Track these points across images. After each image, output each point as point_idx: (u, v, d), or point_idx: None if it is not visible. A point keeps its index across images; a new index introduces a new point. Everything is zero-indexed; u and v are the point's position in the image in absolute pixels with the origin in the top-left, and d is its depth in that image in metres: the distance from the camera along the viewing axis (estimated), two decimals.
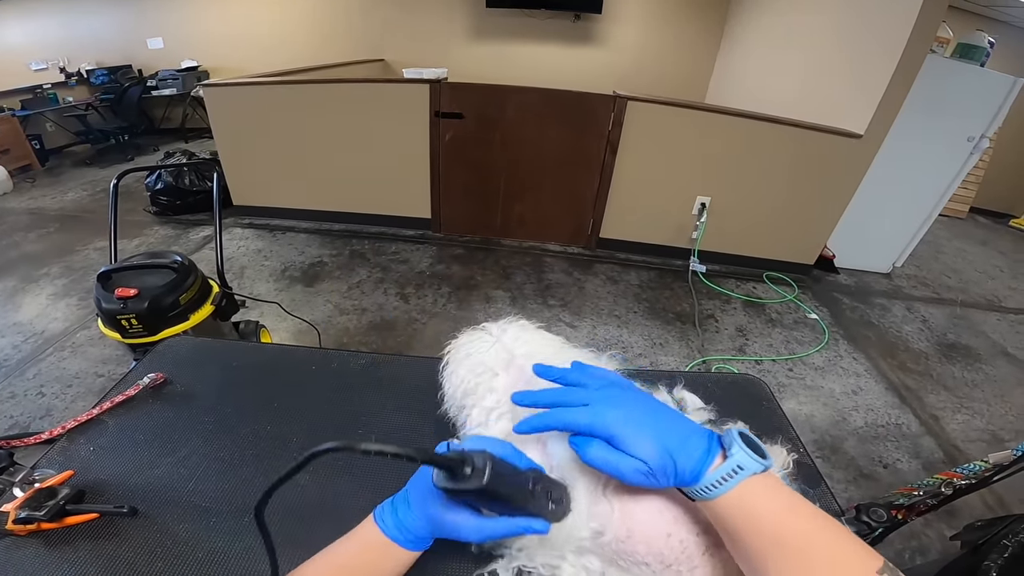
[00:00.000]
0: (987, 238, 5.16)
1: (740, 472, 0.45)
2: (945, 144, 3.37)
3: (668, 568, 0.51)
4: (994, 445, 2.37)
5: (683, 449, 0.47)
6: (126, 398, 0.80)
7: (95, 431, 0.76)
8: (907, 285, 3.91)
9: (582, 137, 3.45)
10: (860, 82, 3.14)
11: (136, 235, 3.69)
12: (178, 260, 1.68)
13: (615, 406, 0.50)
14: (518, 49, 5.64)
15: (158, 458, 0.72)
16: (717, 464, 0.46)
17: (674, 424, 0.49)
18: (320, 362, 0.94)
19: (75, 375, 2.35)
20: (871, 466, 2.21)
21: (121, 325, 1.58)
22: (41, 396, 2.22)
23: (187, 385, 0.86)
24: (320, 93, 3.48)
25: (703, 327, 3.05)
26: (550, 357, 0.64)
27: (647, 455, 0.47)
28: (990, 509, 1.99)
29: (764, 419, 0.89)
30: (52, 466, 0.69)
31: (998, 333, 3.36)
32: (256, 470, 0.72)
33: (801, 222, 3.57)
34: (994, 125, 3.31)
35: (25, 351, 2.51)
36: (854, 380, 2.74)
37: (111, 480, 0.68)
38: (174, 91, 6.00)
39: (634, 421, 0.49)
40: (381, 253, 3.59)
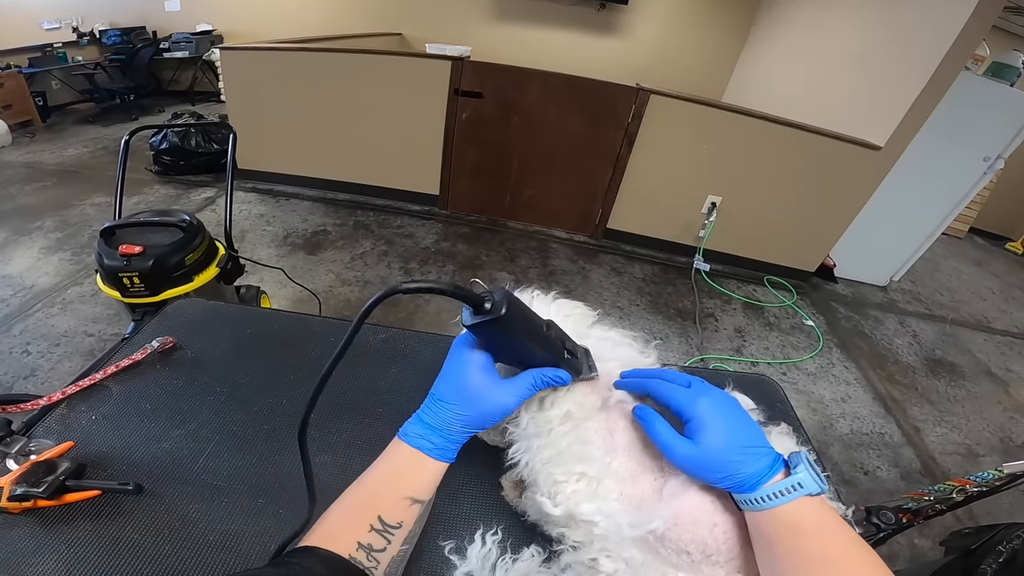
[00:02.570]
0: (982, 259, 5.19)
1: (799, 489, 0.47)
2: (961, 162, 3.34)
3: (708, 558, 0.51)
4: (969, 459, 2.46)
5: (750, 456, 0.49)
6: (132, 362, 0.74)
7: (98, 398, 0.70)
8: (902, 299, 3.94)
9: (600, 127, 3.41)
10: (886, 94, 3.09)
11: (136, 193, 3.63)
12: (186, 219, 1.65)
13: (710, 396, 0.53)
14: (539, 33, 5.54)
15: (166, 430, 0.67)
16: (777, 479, 0.48)
17: (750, 434, 0.52)
18: (339, 334, 0.89)
19: (63, 333, 2.28)
20: (852, 472, 2.28)
21: (122, 283, 1.54)
22: (26, 355, 2.14)
23: (198, 351, 0.81)
24: (336, 63, 3.41)
25: (703, 325, 3.05)
26: (600, 337, 0.65)
27: (713, 447, 0.49)
28: (958, 520, 2.03)
29: (779, 420, 0.90)
30: (50, 436, 0.64)
31: (984, 353, 3.40)
32: (272, 447, 0.67)
33: (808, 229, 3.56)
34: (1012, 146, 3.29)
35: (13, 305, 2.42)
36: (844, 388, 2.78)
37: (114, 453, 0.63)
38: (186, 54, 5.89)
39: (720, 415, 0.51)
40: (386, 226, 3.56)
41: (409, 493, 0.49)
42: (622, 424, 0.57)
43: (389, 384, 0.80)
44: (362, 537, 0.46)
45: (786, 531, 0.46)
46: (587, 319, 0.66)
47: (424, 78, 3.36)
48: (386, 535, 0.47)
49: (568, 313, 0.64)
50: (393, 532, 0.47)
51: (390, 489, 0.50)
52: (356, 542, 0.45)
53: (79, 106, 5.69)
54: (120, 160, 1.60)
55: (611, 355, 0.62)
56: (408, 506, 0.49)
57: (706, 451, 0.49)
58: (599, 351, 0.60)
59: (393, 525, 0.48)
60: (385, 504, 0.48)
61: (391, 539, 0.47)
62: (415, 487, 0.50)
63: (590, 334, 0.64)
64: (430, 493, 0.51)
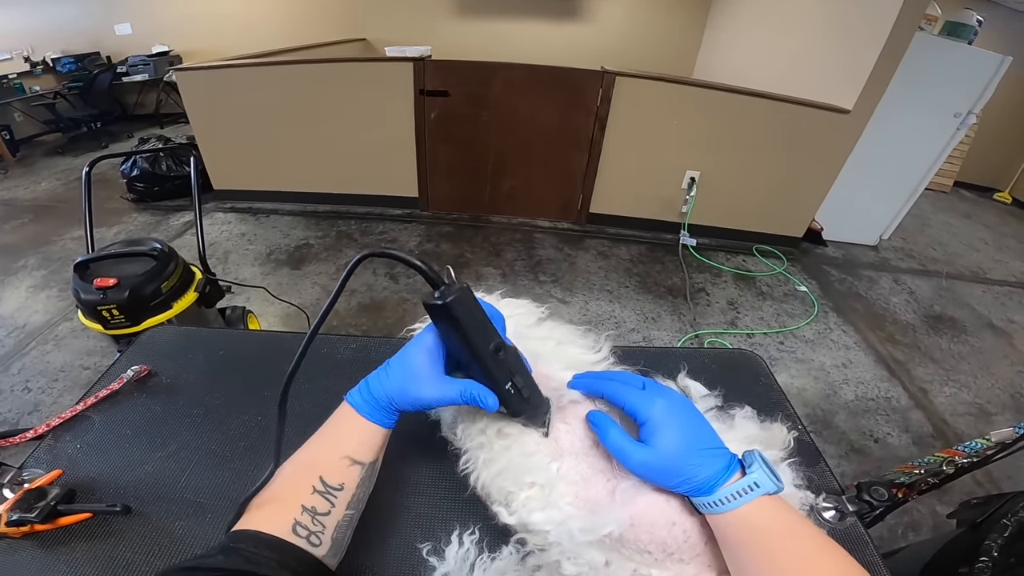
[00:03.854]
0: (971, 211, 5.22)
1: (755, 489, 0.47)
2: (932, 119, 3.41)
3: (671, 556, 0.51)
4: (981, 419, 2.40)
5: (707, 458, 0.48)
6: (110, 392, 0.77)
7: (81, 427, 0.73)
8: (894, 257, 3.95)
9: (570, 113, 3.41)
10: (849, 59, 3.13)
11: (115, 223, 3.60)
12: (157, 247, 1.63)
13: (665, 398, 0.52)
14: (503, 26, 5.51)
15: (148, 453, 0.70)
16: (734, 480, 0.48)
17: (704, 436, 0.51)
18: (311, 347, 0.90)
19: (60, 368, 2.30)
20: (862, 440, 2.23)
21: (102, 316, 1.54)
22: (27, 391, 2.18)
23: (173, 376, 0.83)
24: (299, 74, 3.39)
25: (694, 301, 3.05)
26: (542, 337, 0.63)
27: (669, 451, 0.48)
28: (979, 486, 2.00)
29: (762, 395, 0.88)
30: (40, 465, 0.67)
31: (983, 305, 3.40)
32: (249, 462, 0.70)
33: (790, 195, 3.57)
34: (981, 102, 3.34)
35: (8, 345, 2.45)
36: (844, 353, 2.76)
37: (101, 478, 0.66)
38: (146, 76, 5.84)
39: (675, 418, 0.51)
40: (368, 233, 3.54)
41: (348, 453, 0.51)
42: (574, 425, 0.56)
43: None
44: (306, 500, 0.48)
45: (748, 533, 0.46)
46: (530, 318, 0.64)
47: (388, 81, 3.34)
48: (328, 497, 0.48)
49: (510, 313, 0.62)
50: (335, 494, 0.49)
51: (330, 450, 0.51)
52: (300, 505, 0.47)
53: (46, 137, 5.62)
54: (84, 193, 1.58)
55: (554, 355, 0.61)
56: (348, 467, 0.50)
57: (662, 456, 0.49)
58: (540, 351, 0.59)
59: (335, 487, 0.49)
60: (326, 465, 0.50)
61: (334, 502, 0.49)
62: (353, 448, 0.51)
63: (532, 334, 0.63)
64: (370, 456, 0.52)
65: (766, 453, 0.59)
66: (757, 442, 0.61)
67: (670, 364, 0.88)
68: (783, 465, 0.60)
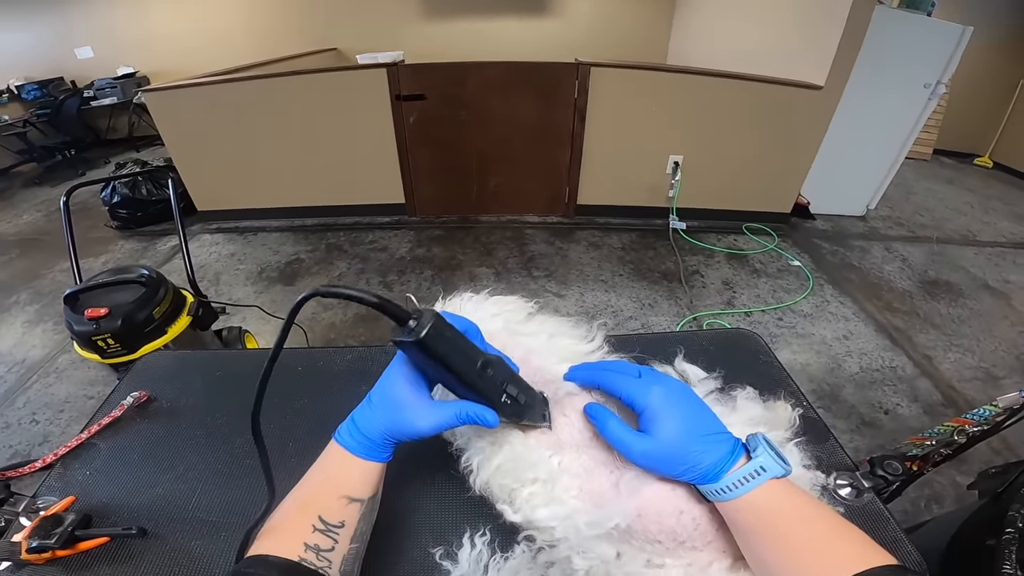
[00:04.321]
0: (953, 177, 5.26)
1: (762, 473, 0.46)
2: (903, 91, 3.48)
3: (681, 544, 0.51)
4: (988, 383, 2.40)
5: (710, 445, 0.48)
6: (113, 419, 0.78)
7: (88, 455, 0.74)
8: (883, 226, 3.98)
9: (549, 107, 3.40)
10: (816, 36, 3.19)
11: (102, 252, 3.57)
12: (145, 273, 1.61)
13: (662, 385, 0.52)
14: (474, 25, 5.50)
15: (156, 476, 0.71)
16: (739, 465, 0.47)
17: (706, 422, 0.50)
18: (306, 362, 0.90)
19: (65, 399, 2.30)
20: (872, 413, 2.22)
21: (98, 346, 1.53)
22: (35, 423, 2.18)
23: (172, 400, 0.83)
24: (273, 88, 3.35)
25: (690, 283, 3.06)
26: (533, 332, 0.62)
27: (670, 439, 0.48)
28: (997, 453, 1.99)
29: (763, 373, 0.88)
30: (52, 493, 0.68)
31: (977, 267, 3.42)
32: (256, 479, 0.69)
33: (774, 173, 3.59)
34: (948, 71, 3.41)
35: (10, 381, 2.44)
36: (843, 325, 2.77)
37: (113, 502, 0.67)
38: (115, 100, 5.71)
39: (674, 405, 0.50)
40: (358, 243, 3.52)
41: (345, 492, 0.49)
42: (572, 417, 0.56)
43: None
44: (307, 538, 0.46)
45: (759, 518, 0.46)
46: (520, 314, 0.64)
47: (363, 89, 3.32)
48: (330, 535, 0.47)
49: (497, 312, 0.62)
50: (337, 531, 0.48)
51: (326, 489, 0.50)
52: (303, 543, 0.46)
53: (22, 168, 5.53)
54: (64, 223, 1.56)
55: (547, 349, 0.61)
56: (346, 505, 0.49)
57: (663, 445, 0.48)
58: (533, 346, 0.59)
59: (335, 524, 0.48)
60: (323, 504, 0.49)
61: (337, 538, 0.48)
62: (350, 486, 0.50)
63: (523, 329, 0.62)
64: (368, 492, 0.51)
65: (771, 434, 0.59)
66: (761, 423, 0.61)
67: (667, 349, 0.87)
68: (790, 445, 0.59)
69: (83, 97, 5.68)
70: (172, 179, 1.84)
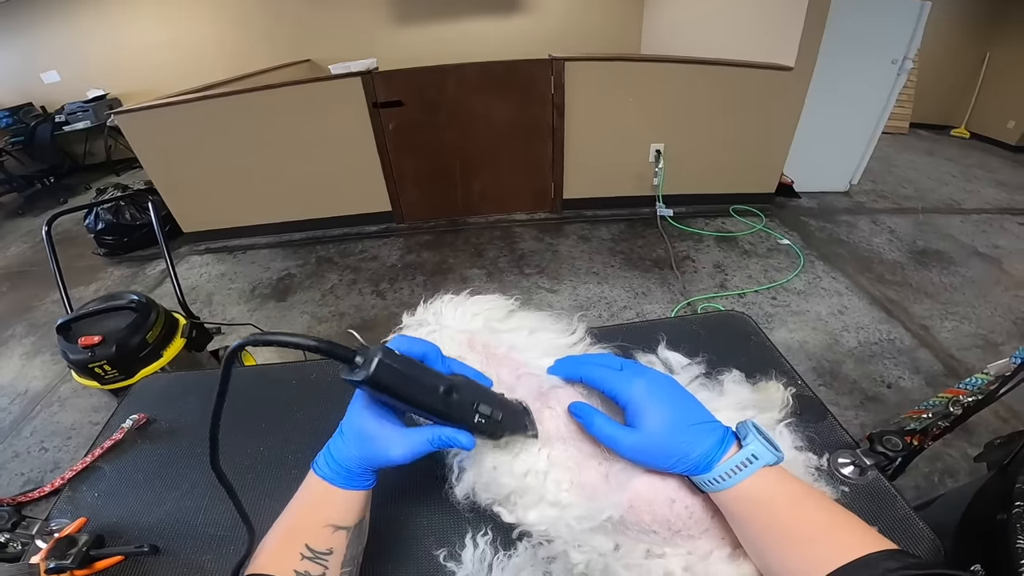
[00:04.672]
0: (932, 148, 5.31)
1: (754, 462, 0.46)
2: (872, 68, 3.55)
3: (677, 534, 0.50)
4: (988, 350, 2.40)
5: (698, 435, 0.47)
6: (115, 442, 0.80)
7: (94, 478, 0.76)
8: (867, 200, 4.01)
9: (526, 104, 3.42)
10: (781, 18, 3.25)
11: (91, 280, 3.54)
12: (135, 299, 1.63)
13: (644, 378, 0.51)
14: (446, 28, 5.48)
15: (162, 494, 0.72)
16: (731, 454, 0.47)
17: (692, 412, 0.50)
18: (299, 375, 0.91)
19: (71, 427, 2.31)
20: (875, 387, 2.21)
21: (95, 373, 1.55)
22: (44, 451, 2.20)
23: (171, 421, 0.84)
24: (247, 103, 3.31)
25: (681, 269, 3.07)
26: (513, 328, 0.62)
27: (657, 432, 0.48)
28: (1005, 422, 1.97)
29: (755, 354, 0.88)
30: (64, 516, 0.70)
31: (965, 234, 3.45)
32: (260, 493, 0.71)
33: (755, 154, 3.62)
34: (912, 47, 3.48)
35: (15, 412, 2.45)
36: (837, 299, 2.78)
37: (123, 522, 0.69)
38: (88, 124, 5.57)
39: (657, 397, 0.50)
40: (348, 254, 3.52)
41: (329, 521, 0.49)
42: (558, 410, 0.56)
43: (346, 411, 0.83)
44: (297, 566, 0.46)
45: (754, 508, 0.46)
46: (500, 312, 0.63)
47: (339, 99, 3.30)
48: (319, 562, 0.47)
49: (477, 312, 0.62)
50: (325, 559, 0.47)
51: (310, 518, 0.49)
52: (293, 571, 0.46)
53: (3, 199, 5.44)
54: (48, 252, 1.56)
55: (528, 344, 0.61)
56: (332, 533, 0.48)
57: (650, 438, 0.48)
58: (515, 342, 0.59)
59: (323, 552, 0.48)
60: (309, 534, 0.48)
61: (326, 565, 0.47)
62: (333, 515, 0.49)
63: (504, 326, 0.62)
64: (353, 519, 0.50)
65: (764, 415, 0.59)
66: (752, 406, 0.61)
67: (655, 336, 0.88)
68: (780, 427, 0.59)
69: (55, 123, 5.54)
70: (152, 202, 1.84)
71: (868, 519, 0.57)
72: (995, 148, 5.26)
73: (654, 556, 0.51)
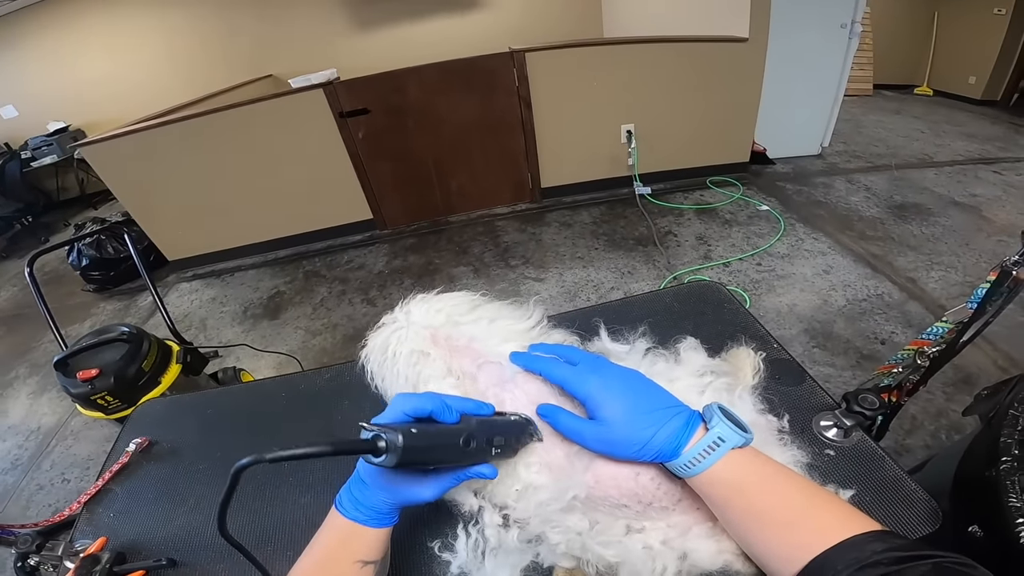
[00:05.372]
0: (899, 107, 5.36)
1: (722, 444, 0.46)
2: (824, 33, 3.61)
3: (649, 506, 0.51)
4: None
5: (659, 419, 0.47)
6: (122, 466, 0.83)
7: (107, 499, 0.80)
8: (840, 160, 4.06)
9: (492, 99, 3.43)
10: None
11: (85, 317, 3.54)
12: (126, 331, 1.66)
13: (598, 372, 0.52)
14: (405, 31, 5.43)
15: (172, 510, 0.76)
16: (697, 438, 0.47)
17: (651, 398, 0.50)
18: (288, 388, 0.95)
19: (88, 457, 2.36)
20: (869, 345, 2.22)
21: (98, 404, 1.59)
22: (66, 482, 2.24)
23: (172, 442, 0.88)
24: (214, 123, 3.28)
25: (664, 244, 3.11)
26: (474, 319, 0.63)
27: (616, 421, 0.48)
28: (1004, 372, 1.95)
29: (728, 322, 0.90)
30: (86, 537, 0.73)
31: (941, 186, 3.50)
32: (263, 502, 0.75)
33: (724, 125, 3.67)
34: (859, 11, 3.53)
35: (31, 448, 2.49)
36: (821, 259, 2.82)
37: (140, 539, 0.72)
38: (55, 157, 5.41)
39: (611, 388, 0.50)
40: (335, 266, 3.54)
41: (358, 557, 0.50)
42: (516, 394, 0.57)
43: (345, 417, 0.86)
44: None
45: (728, 491, 0.46)
46: (463, 306, 0.65)
47: (305, 112, 3.30)
48: None
49: (440, 307, 0.64)
50: None
51: (339, 555, 0.50)
52: None
53: None
54: (34, 292, 1.60)
55: (488, 333, 0.62)
56: (361, 568, 0.50)
57: (610, 428, 0.48)
58: (475, 332, 0.62)
59: None
60: (339, 569, 0.49)
61: None
62: (362, 551, 0.50)
63: (466, 319, 0.64)
64: (380, 553, 0.51)
65: (735, 380, 0.61)
66: (710, 371, 0.61)
67: (629, 316, 0.90)
68: (740, 391, 0.60)
69: (22, 159, 5.39)
70: (128, 234, 1.88)
71: (857, 482, 0.59)
72: (960, 103, 5.31)
73: (634, 532, 0.52)
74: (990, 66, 4.96)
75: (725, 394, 0.58)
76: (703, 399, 0.55)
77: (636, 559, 0.50)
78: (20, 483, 2.28)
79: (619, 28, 5.27)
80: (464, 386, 0.59)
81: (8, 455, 2.47)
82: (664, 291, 1.06)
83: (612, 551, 0.51)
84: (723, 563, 0.50)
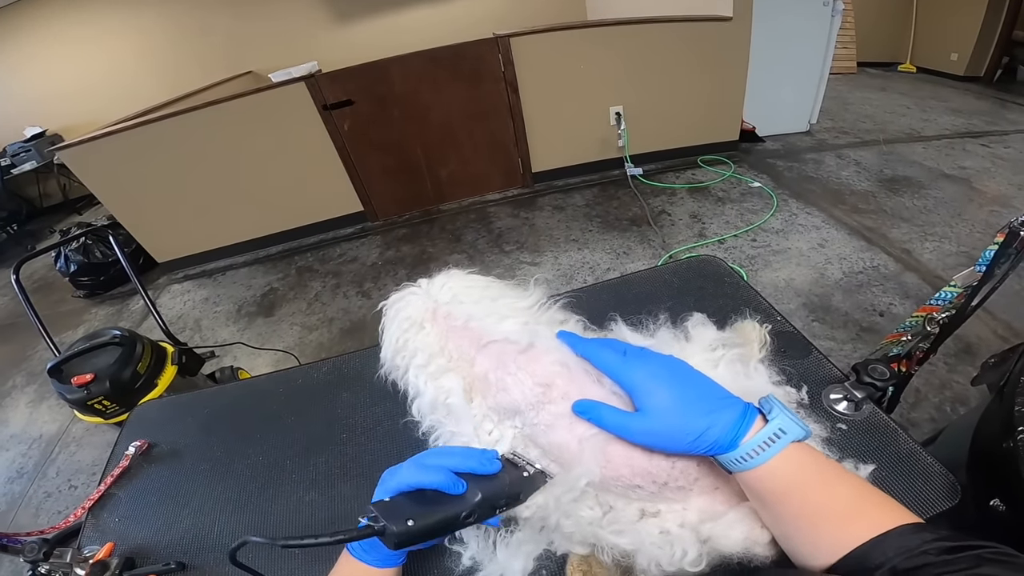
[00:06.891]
0: (884, 84, 5.37)
1: (782, 436, 0.44)
2: (806, 12, 3.63)
3: (665, 486, 0.49)
4: None
5: (714, 411, 0.45)
6: (123, 470, 0.82)
7: (111, 504, 0.79)
8: (829, 137, 4.07)
9: (479, 85, 3.40)
10: None
11: (78, 323, 3.50)
12: (117, 334, 1.65)
13: (646, 361, 0.50)
14: (388, 20, 5.33)
15: (176, 513, 0.75)
16: (756, 430, 0.45)
17: (704, 388, 0.48)
18: (285, 383, 0.94)
19: (93, 463, 2.34)
20: (868, 317, 2.22)
21: (96, 409, 1.58)
22: (73, 488, 2.23)
23: (171, 443, 0.86)
24: (193, 121, 3.21)
25: (659, 224, 3.11)
26: (477, 299, 0.62)
27: (667, 412, 0.46)
28: (1005, 341, 1.94)
29: (730, 296, 0.89)
30: (93, 542, 0.73)
31: (930, 159, 3.51)
32: (266, 499, 0.74)
33: (713, 104, 3.65)
34: None
35: (35, 456, 2.47)
36: (816, 233, 2.83)
37: (147, 543, 0.72)
38: (35, 163, 5.30)
39: (660, 378, 0.48)
40: (328, 260, 3.51)
41: None
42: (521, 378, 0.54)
43: (345, 409, 0.85)
44: None
45: (786, 487, 0.44)
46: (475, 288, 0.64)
47: (288, 106, 3.25)
48: None
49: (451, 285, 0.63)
50: None
51: None
52: None
53: None
54: (22, 299, 1.58)
55: (488, 311, 0.60)
56: None
57: (661, 419, 0.46)
58: (474, 312, 0.60)
59: None
60: None
61: None
62: None
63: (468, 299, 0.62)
64: None
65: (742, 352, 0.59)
66: (721, 344, 0.59)
67: (629, 294, 0.89)
68: (755, 364, 0.58)
69: (2, 167, 5.27)
70: (114, 237, 1.86)
71: (872, 456, 0.57)
72: (944, 79, 5.32)
73: (648, 516, 0.50)
74: (972, 43, 4.98)
75: (740, 365, 0.56)
76: (717, 372, 0.53)
77: (652, 545, 0.48)
78: (28, 491, 2.27)
79: (602, 10, 5.19)
80: (458, 369, 0.57)
81: (13, 464, 2.45)
82: (663, 267, 1.04)
83: (626, 539, 0.49)
84: (746, 547, 0.48)
